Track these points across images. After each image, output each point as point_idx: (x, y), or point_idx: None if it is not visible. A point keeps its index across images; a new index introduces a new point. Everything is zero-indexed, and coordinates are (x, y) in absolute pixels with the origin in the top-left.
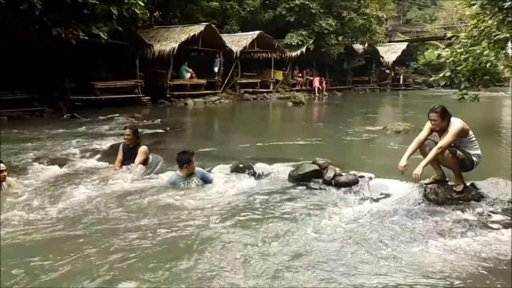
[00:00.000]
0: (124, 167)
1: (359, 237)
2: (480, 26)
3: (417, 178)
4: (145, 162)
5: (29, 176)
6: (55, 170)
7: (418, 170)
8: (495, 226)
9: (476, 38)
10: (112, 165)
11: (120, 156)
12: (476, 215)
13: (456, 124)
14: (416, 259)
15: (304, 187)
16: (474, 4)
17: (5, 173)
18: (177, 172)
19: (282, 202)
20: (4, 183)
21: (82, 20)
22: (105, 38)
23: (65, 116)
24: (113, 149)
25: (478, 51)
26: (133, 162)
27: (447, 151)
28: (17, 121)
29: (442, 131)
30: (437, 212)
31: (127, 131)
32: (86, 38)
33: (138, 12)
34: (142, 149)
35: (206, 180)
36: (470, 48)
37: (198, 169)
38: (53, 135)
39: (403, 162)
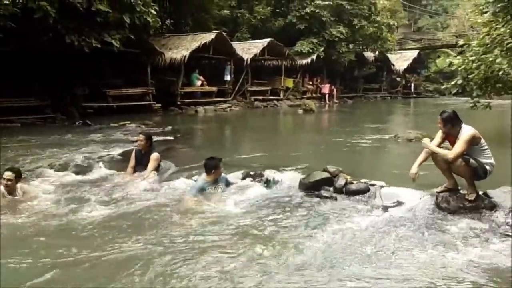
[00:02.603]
0: (136, 173)
1: (370, 245)
2: (493, 33)
3: (414, 178)
4: (156, 169)
5: (42, 183)
6: (69, 177)
7: (413, 169)
8: (507, 235)
9: (488, 45)
10: (123, 172)
11: (132, 162)
12: (489, 224)
13: (467, 131)
14: (427, 268)
15: (315, 195)
16: (486, 12)
17: (10, 182)
18: (203, 177)
19: (292, 210)
20: (18, 190)
21: (95, 28)
22: (118, 46)
23: (77, 123)
24: (125, 155)
25: (491, 59)
26: (144, 168)
27: (460, 160)
28: (30, 127)
29: (454, 139)
30: (449, 221)
31: (141, 136)
32: (99, 45)
33: (150, 20)
34: (154, 156)
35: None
36: (482, 56)
37: (222, 175)
38: (66, 142)
39: (414, 169)
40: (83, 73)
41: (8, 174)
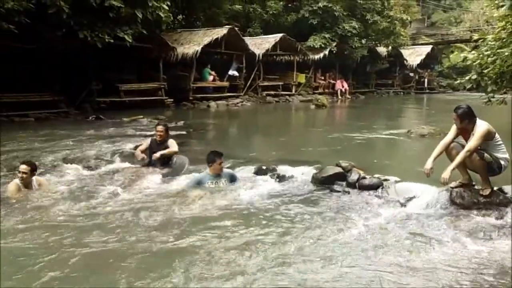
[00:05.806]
0: (148, 168)
1: (383, 240)
2: (509, 28)
3: (445, 182)
4: (169, 158)
5: (56, 176)
6: (82, 170)
7: (446, 174)
8: None
9: (504, 40)
10: (133, 166)
11: (143, 146)
12: (503, 220)
13: (481, 126)
14: (440, 263)
15: (328, 190)
16: (503, 6)
17: (26, 175)
18: (206, 170)
19: (305, 204)
20: (34, 183)
21: (107, 24)
22: (130, 41)
23: (90, 118)
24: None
25: (506, 54)
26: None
27: (474, 154)
28: (44, 122)
29: (468, 134)
30: (463, 216)
31: (160, 127)
32: (112, 41)
33: (162, 15)
34: (173, 141)
35: (234, 182)
36: (498, 51)
37: (227, 170)
38: (79, 136)
39: (428, 164)
40: (96, 69)
41: (23, 168)
